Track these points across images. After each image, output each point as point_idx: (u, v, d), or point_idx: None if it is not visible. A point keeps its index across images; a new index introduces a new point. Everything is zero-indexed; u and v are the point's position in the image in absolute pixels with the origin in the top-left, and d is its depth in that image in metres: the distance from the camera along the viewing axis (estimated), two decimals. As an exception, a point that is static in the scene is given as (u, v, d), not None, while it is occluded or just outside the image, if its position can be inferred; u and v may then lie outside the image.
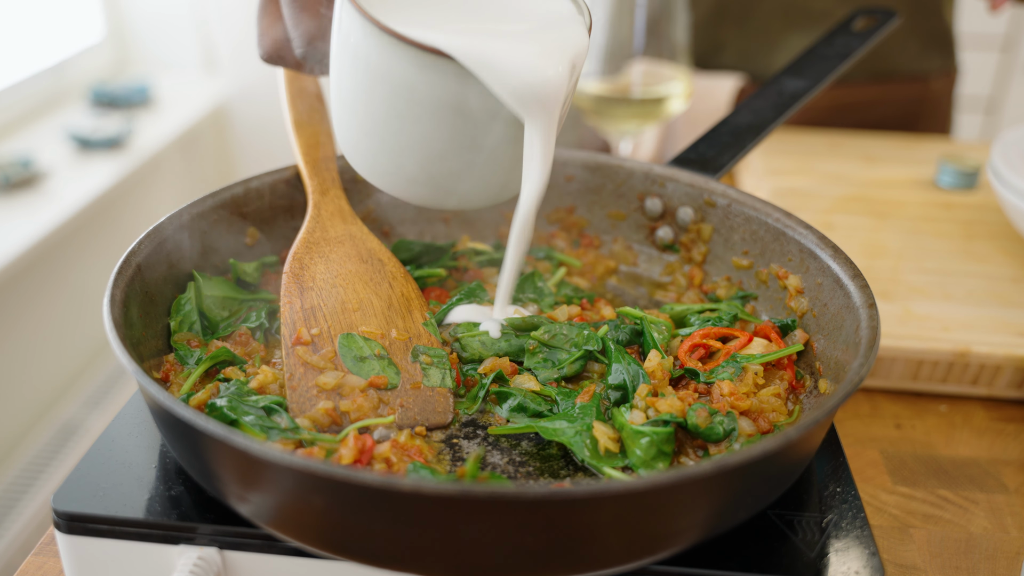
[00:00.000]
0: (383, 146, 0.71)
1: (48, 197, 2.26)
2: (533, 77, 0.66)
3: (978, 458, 0.90)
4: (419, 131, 0.69)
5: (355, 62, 0.67)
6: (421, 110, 0.67)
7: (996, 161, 1.11)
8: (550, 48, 0.68)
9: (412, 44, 0.64)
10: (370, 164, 0.73)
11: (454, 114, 0.68)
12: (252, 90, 3.11)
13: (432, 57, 0.64)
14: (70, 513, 0.63)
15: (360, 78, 0.68)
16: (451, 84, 0.66)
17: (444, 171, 0.72)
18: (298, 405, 0.70)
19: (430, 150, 0.70)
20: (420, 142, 0.70)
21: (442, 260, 0.93)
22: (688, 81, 1.28)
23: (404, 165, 0.72)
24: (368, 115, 0.69)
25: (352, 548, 0.59)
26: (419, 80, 0.66)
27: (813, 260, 0.81)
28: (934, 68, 1.62)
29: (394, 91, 0.67)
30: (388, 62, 0.65)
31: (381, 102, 0.68)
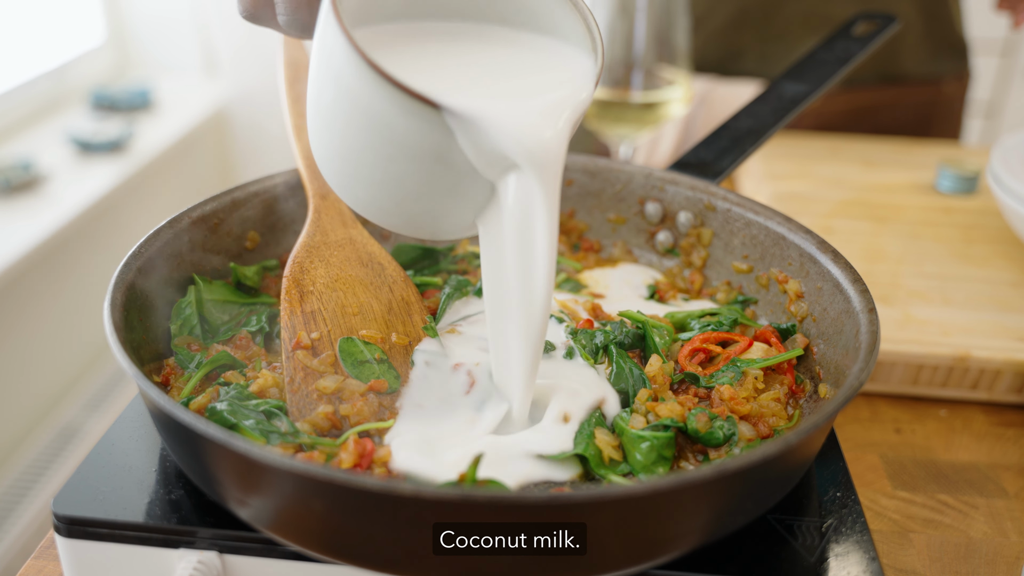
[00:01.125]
0: (357, 175, 0.66)
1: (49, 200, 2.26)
2: (527, 139, 0.61)
3: (978, 463, 0.90)
4: (395, 170, 0.64)
5: (335, 85, 0.62)
6: (399, 152, 0.62)
7: (996, 166, 1.12)
8: (549, 106, 0.63)
9: (399, 87, 0.58)
10: (343, 187, 0.68)
11: (434, 161, 0.63)
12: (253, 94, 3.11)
13: (418, 104, 0.59)
14: (70, 517, 0.63)
15: (339, 102, 0.62)
16: (436, 134, 0.61)
17: (418, 210, 0.67)
18: (298, 409, 0.70)
19: (405, 190, 0.65)
20: (395, 181, 0.65)
21: (442, 264, 0.93)
22: (688, 86, 1.28)
23: (377, 197, 0.67)
24: (344, 142, 0.64)
25: (352, 552, 0.59)
26: (401, 124, 0.60)
27: (813, 264, 0.81)
28: (946, 72, 1.62)
29: (373, 127, 0.62)
30: (370, 98, 0.60)
31: (358, 133, 0.63)
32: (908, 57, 1.58)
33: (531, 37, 0.71)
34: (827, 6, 1.52)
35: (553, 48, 0.69)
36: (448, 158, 0.62)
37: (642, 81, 1.26)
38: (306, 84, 0.98)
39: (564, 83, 0.66)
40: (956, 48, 1.63)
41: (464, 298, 0.86)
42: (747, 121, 1.04)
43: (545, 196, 0.62)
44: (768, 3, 1.53)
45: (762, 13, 1.54)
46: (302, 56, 1.01)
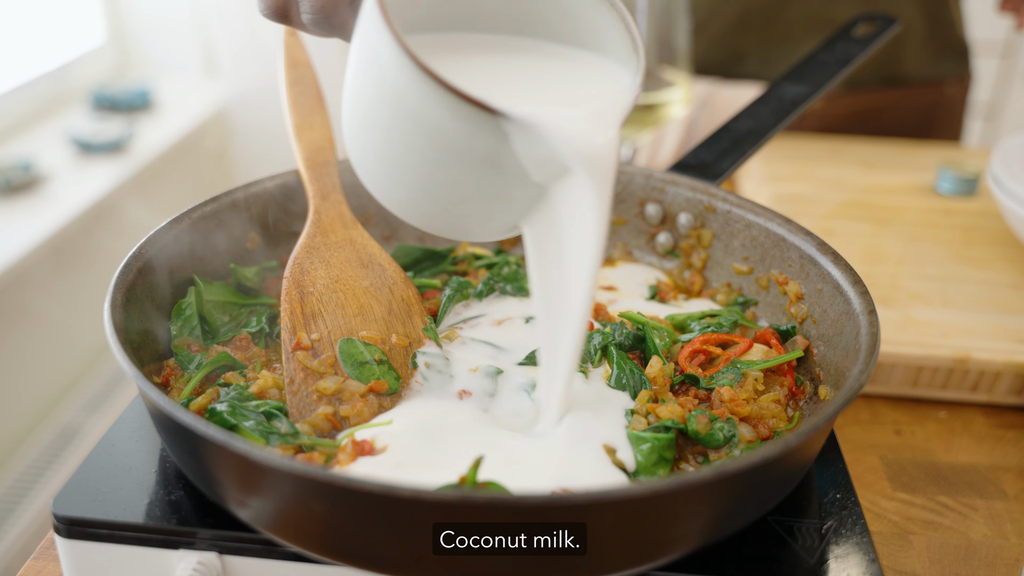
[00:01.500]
0: (400, 178, 0.66)
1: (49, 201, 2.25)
2: (583, 145, 0.62)
3: (978, 464, 0.90)
4: (444, 175, 0.64)
5: (382, 89, 0.61)
6: (450, 157, 0.62)
7: (996, 168, 1.12)
8: (599, 114, 0.64)
9: (456, 93, 0.58)
10: (383, 189, 0.68)
11: (486, 166, 0.63)
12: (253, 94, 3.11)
13: (475, 110, 0.59)
14: (70, 517, 0.63)
15: (386, 107, 0.62)
16: (490, 140, 0.61)
17: (464, 213, 0.67)
18: (298, 410, 0.70)
19: (453, 194, 0.65)
20: (443, 185, 0.65)
21: (442, 265, 0.93)
22: (688, 87, 1.28)
23: (420, 200, 0.67)
24: (388, 146, 0.64)
25: (351, 553, 0.59)
26: (455, 129, 0.60)
27: (813, 266, 0.81)
28: (948, 74, 1.63)
29: (424, 133, 0.61)
30: (423, 103, 0.60)
31: (406, 137, 0.63)
32: (910, 59, 1.58)
33: (573, 51, 0.72)
34: (830, 9, 1.52)
35: (595, 61, 0.70)
36: (500, 163, 0.62)
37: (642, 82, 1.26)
38: (306, 85, 0.99)
39: (608, 93, 0.67)
40: (958, 50, 1.63)
41: (465, 300, 0.86)
42: (747, 123, 1.04)
43: (598, 199, 0.63)
44: (770, 6, 1.53)
45: (764, 16, 1.54)
46: (302, 56, 1.01)
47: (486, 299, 0.87)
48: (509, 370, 0.76)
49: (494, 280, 0.88)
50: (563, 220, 0.65)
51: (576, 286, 0.65)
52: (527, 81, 0.68)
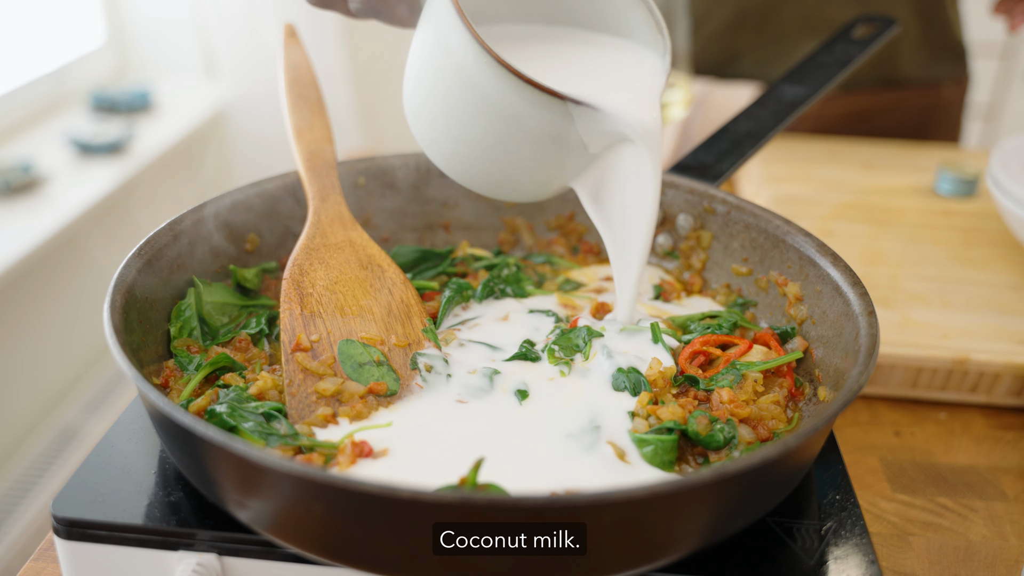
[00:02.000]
0: (472, 154, 0.75)
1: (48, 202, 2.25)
2: (638, 122, 0.73)
3: (977, 466, 0.90)
4: (515, 150, 0.74)
5: (457, 79, 0.70)
6: (522, 135, 0.72)
7: (995, 169, 1.12)
8: (643, 93, 0.75)
9: (531, 83, 0.68)
10: (453, 164, 0.77)
11: (552, 142, 0.73)
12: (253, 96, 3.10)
13: (547, 97, 0.69)
14: (69, 519, 0.63)
15: (459, 94, 0.71)
16: (559, 121, 0.72)
17: (527, 179, 0.78)
18: (297, 411, 0.70)
19: (520, 165, 0.75)
20: (512, 158, 0.75)
21: (441, 266, 0.93)
22: (688, 88, 1.28)
23: (488, 172, 0.77)
24: (461, 127, 0.73)
25: (350, 554, 0.59)
26: (529, 114, 0.70)
27: (812, 267, 0.81)
28: (945, 76, 1.63)
29: (499, 117, 0.71)
30: (499, 93, 0.69)
31: (479, 121, 0.72)
32: (907, 61, 1.58)
33: (605, 37, 0.82)
34: (825, 9, 1.52)
35: (626, 46, 0.81)
36: (565, 139, 0.74)
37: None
38: (306, 87, 0.99)
39: (645, 75, 0.78)
40: (955, 52, 1.63)
41: (464, 302, 0.86)
42: (747, 124, 1.04)
43: (653, 160, 0.75)
44: (766, 6, 1.53)
45: (760, 16, 1.54)
46: (302, 58, 1.01)
47: (485, 301, 0.87)
48: (506, 371, 0.76)
49: (494, 282, 0.88)
50: (622, 177, 0.77)
51: (642, 219, 0.78)
52: (577, 68, 0.78)
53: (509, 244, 1.00)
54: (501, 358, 0.78)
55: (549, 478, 0.64)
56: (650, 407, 0.71)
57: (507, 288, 0.88)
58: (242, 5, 2.94)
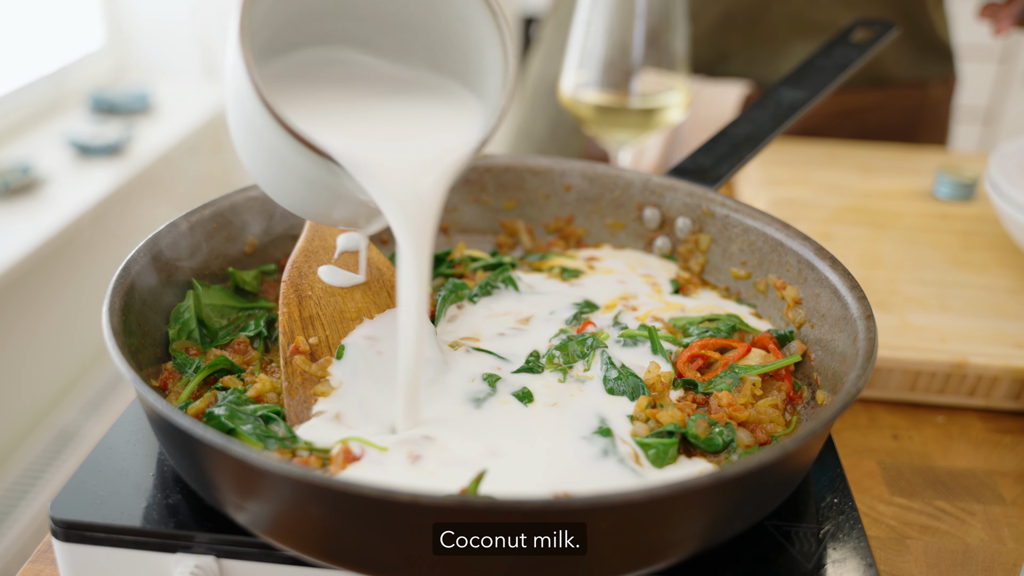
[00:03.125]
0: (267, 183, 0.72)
1: (47, 203, 2.26)
2: (403, 192, 0.65)
3: (975, 469, 0.90)
4: (295, 189, 0.71)
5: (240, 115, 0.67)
6: (298, 180, 0.69)
7: (994, 173, 1.12)
8: (429, 158, 0.67)
9: (296, 138, 0.63)
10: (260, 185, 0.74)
11: (327, 190, 0.69)
12: (252, 97, 3.10)
13: (313, 153, 0.64)
14: (67, 521, 0.63)
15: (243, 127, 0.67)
16: (326, 173, 0.67)
17: (312, 211, 0.74)
18: (296, 414, 0.70)
19: (297, 198, 0.72)
20: (288, 192, 0.72)
21: (440, 268, 0.93)
22: (687, 91, 1.28)
23: (278, 196, 0.73)
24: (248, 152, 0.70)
25: (349, 557, 0.59)
26: (297, 161, 0.66)
27: (811, 271, 0.81)
28: (932, 75, 1.63)
29: (275, 159, 0.67)
30: (272, 138, 0.65)
31: (264, 157, 0.68)
32: (892, 61, 1.59)
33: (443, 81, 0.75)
34: (812, 10, 1.53)
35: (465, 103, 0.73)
36: (338, 189, 0.68)
37: (641, 87, 1.27)
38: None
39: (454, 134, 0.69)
40: (940, 52, 1.64)
41: (459, 302, 0.86)
42: (745, 127, 1.04)
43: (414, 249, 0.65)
44: (754, 7, 1.54)
45: (748, 16, 1.54)
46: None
47: (480, 302, 0.87)
48: (506, 378, 0.76)
49: (491, 285, 0.88)
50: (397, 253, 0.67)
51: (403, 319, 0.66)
52: (376, 119, 0.71)
53: (508, 247, 1.01)
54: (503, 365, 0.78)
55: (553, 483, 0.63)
56: (649, 411, 0.71)
57: (505, 287, 0.88)
58: (242, 7, 2.94)
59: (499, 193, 1.00)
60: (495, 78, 0.70)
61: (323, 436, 0.67)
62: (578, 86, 1.28)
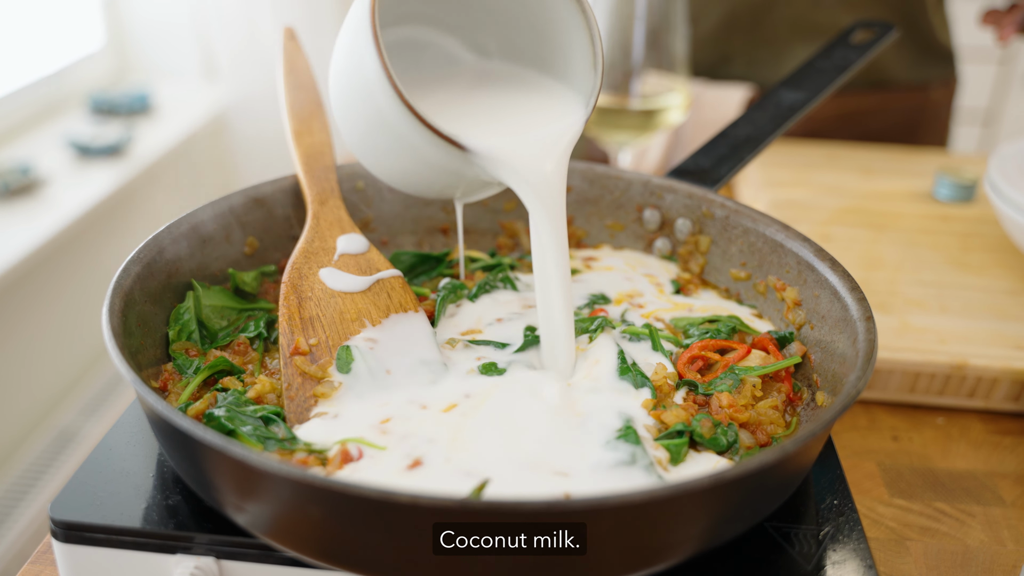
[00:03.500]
0: (379, 163, 0.78)
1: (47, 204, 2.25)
2: (535, 176, 0.74)
3: (975, 471, 0.90)
4: (416, 171, 0.76)
5: (369, 108, 0.71)
6: (422, 164, 0.75)
7: (993, 174, 1.12)
8: (548, 143, 0.75)
9: (433, 130, 0.69)
10: (366, 162, 0.79)
11: (452, 174, 0.76)
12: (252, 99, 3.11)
13: (447, 143, 0.71)
14: (67, 522, 0.63)
15: (370, 118, 0.72)
16: (456, 161, 0.73)
17: (420, 187, 0.80)
18: (295, 415, 0.70)
19: (410, 177, 0.78)
20: (402, 171, 0.77)
21: (438, 269, 0.93)
22: (687, 93, 1.29)
23: (385, 173, 0.79)
24: (371, 141, 0.75)
25: (349, 558, 0.59)
26: (429, 151, 0.72)
27: (811, 272, 0.81)
28: (933, 78, 1.63)
29: (404, 147, 0.73)
30: (405, 130, 0.70)
31: (387, 144, 0.74)
32: (892, 63, 1.59)
33: (537, 76, 0.82)
34: (815, 13, 1.53)
35: (555, 90, 0.80)
36: (465, 173, 0.75)
37: (641, 88, 1.27)
38: (306, 91, 0.99)
39: (559, 126, 0.77)
40: (941, 55, 1.64)
41: (458, 301, 0.86)
42: (745, 129, 1.04)
43: (551, 220, 0.74)
44: (756, 9, 1.54)
45: (751, 18, 1.55)
46: (301, 61, 1.01)
47: (479, 300, 0.87)
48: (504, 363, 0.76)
49: (490, 284, 0.88)
50: (530, 221, 0.76)
51: (541, 272, 0.76)
52: (492, 112, 0.79)
53: (507, 248, 1.01)
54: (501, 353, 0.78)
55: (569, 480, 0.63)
56: (653, 412, 0.71)
57: (503, 286, 0.88)
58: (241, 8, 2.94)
59: (499, 194, 1.00)
60: (584, 61, 0.77)
61: (322, 437, 0.67)
62: (578, 87, 1.28)
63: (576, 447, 0.66)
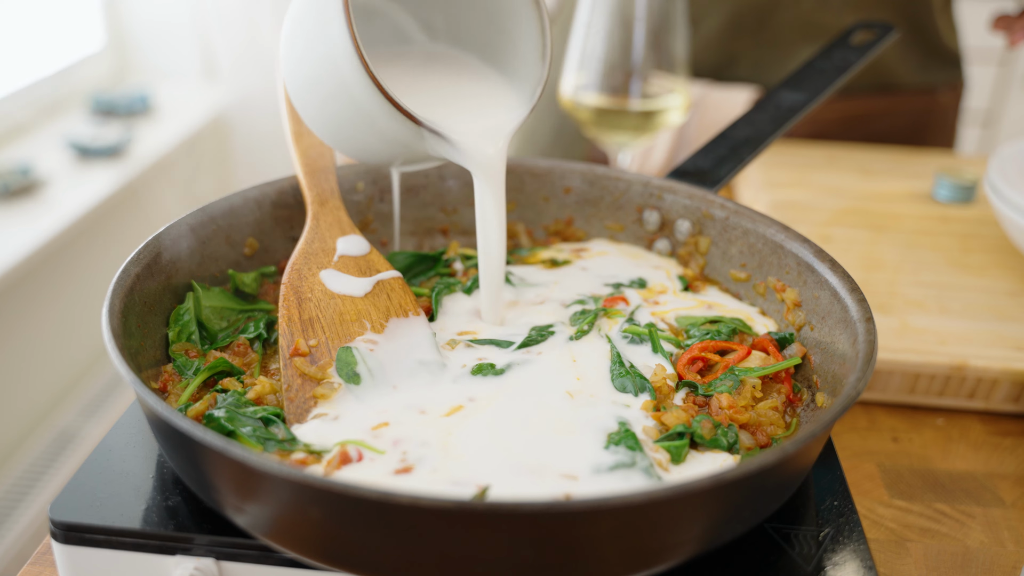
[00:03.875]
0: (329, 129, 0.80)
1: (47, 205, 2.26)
2: (480, 156, 0.79)
3: (975, 472, 0.90)
4: (367, 141, 0.80)
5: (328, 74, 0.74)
6: (374, 134, 0.78)
7: (993, 176, 1.12)
8: (492, 130, 0.81)
9: (396, 105, 0.73)
10: (313, 127, 0.82)
11: (402, 145, 0.79)
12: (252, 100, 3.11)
13: (404, 117, 0.74)
14: (67, 523, 0.63)
15: (328, 83, 0.75)
16: (409, 134, 0.77)
17: (369, 156, 0.84)
18: (295, 416, 0.70)
19: (363, 147, 0.81)
20: (356, 141, 0.80)
21: (436, 268, 0.93)
22: (687, 94, 1.29)
23: (340, 143, 0.82)
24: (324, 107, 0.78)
25: (348, 560, 0.59)
26: (385, 122, 0.75)
27: (810, 273, 0.81)
28: (940, 81, 1.63)
29: (360, 116, 0.76)
30: (366, 100, 0.74)
31: (344, 111, 0.76)
32: (899, 67, 1.59)
33: (482, 66, 0.86)
34: (821, 14, 1.53)
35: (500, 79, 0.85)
36: (413, 146, 0.79)
37: (640, 89, 1.27)
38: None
39: (505, 111, 0.83)
40: (948, 58, 1.63)
41: (452, 294, 0.87)
42: (745, 130, 1.04)
43: (493, 194, 0.81)
44: (762, 10, 1.54)
45: (756, 20, 1.54)
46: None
47: (475, 293, 0.87)
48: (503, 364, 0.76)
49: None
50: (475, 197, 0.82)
51: (484, 241, 0.82)
52: (443, 93, 0.83)
53: (507, 248, 1.01)
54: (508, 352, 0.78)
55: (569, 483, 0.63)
56: (654, 413, 0.71)
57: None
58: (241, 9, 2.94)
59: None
60: (532, 52, 0.81)
61: (322, 438, 0.67)
62: (578, 88, 1.28)
63: (574, 451, 0.66)
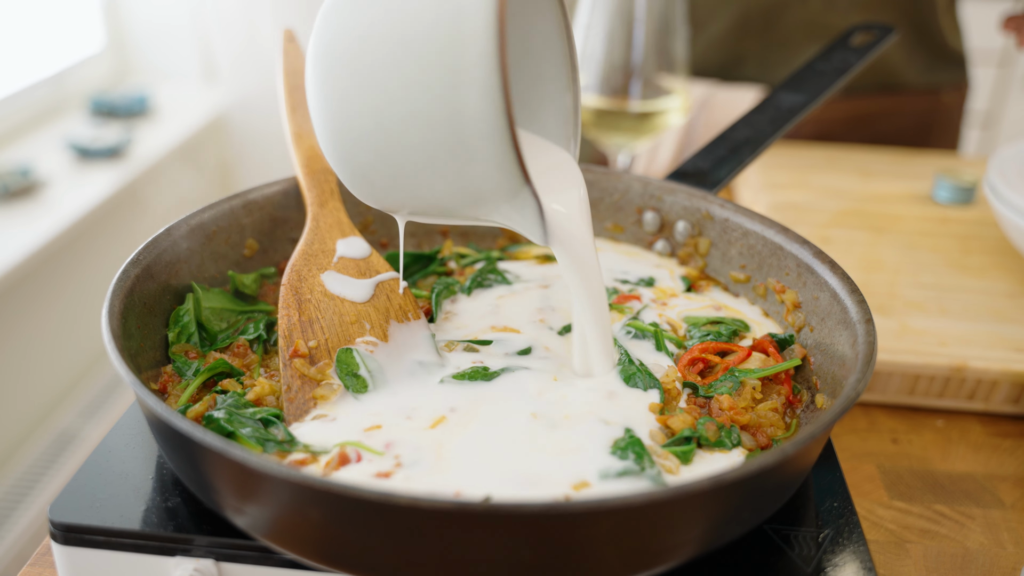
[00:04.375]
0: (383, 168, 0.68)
1: (47, 206, 2.26)
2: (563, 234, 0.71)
3: (974, 473, 0.90)
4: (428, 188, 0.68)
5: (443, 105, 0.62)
6: (448, 183, 0.66)
7: (993, 177, 1.12)
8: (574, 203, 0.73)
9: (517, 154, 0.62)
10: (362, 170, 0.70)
11: (468, 202, 0.68)
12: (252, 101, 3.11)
13: (517, 170, 0.63)
14: (66, 524, 0.63)
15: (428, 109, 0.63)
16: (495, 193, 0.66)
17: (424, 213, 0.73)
18: (295, 417, 0.70)
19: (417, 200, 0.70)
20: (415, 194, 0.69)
21: (431, 267, 0.93)
22: (686, 95, 1.29)
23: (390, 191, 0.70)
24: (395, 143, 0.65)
25: (348, 561, 0.59)
26: (482, 170, 0.64)
27: (810, 275, 0.81)
28: (945, 82, 1.63)
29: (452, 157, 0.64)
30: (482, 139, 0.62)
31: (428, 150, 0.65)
32: (903, 67, 1.59)
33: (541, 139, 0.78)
34: (827, 15, 1.53)
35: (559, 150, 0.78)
36: (483, 205, 0.68)
37: (640, 90, 1.27)
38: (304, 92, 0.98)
39: (576, 178, 0.75)
40: (952, 59, 1.64)
41: (451, 296, 0.87)
42: (745, 131, 1.04)
43: (575, 266, 0.73)
44: (769, 10, 1.54)
45: (763, 20, 1.55)
46: (301, 64, 1.01)
47: (474, 293, 0.87)
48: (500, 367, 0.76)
49: (481, 278, 0.89)
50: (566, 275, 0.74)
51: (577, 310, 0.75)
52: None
53: (504, 240, 1.01)
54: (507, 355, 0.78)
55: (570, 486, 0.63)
56: (659, 417, 0.71)
57: (494, 277, 0.89)
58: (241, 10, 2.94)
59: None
60: (566, 111, 0.76)
61: (321, 439, 0.67)
62: (578, 90, 1.28)
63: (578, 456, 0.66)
